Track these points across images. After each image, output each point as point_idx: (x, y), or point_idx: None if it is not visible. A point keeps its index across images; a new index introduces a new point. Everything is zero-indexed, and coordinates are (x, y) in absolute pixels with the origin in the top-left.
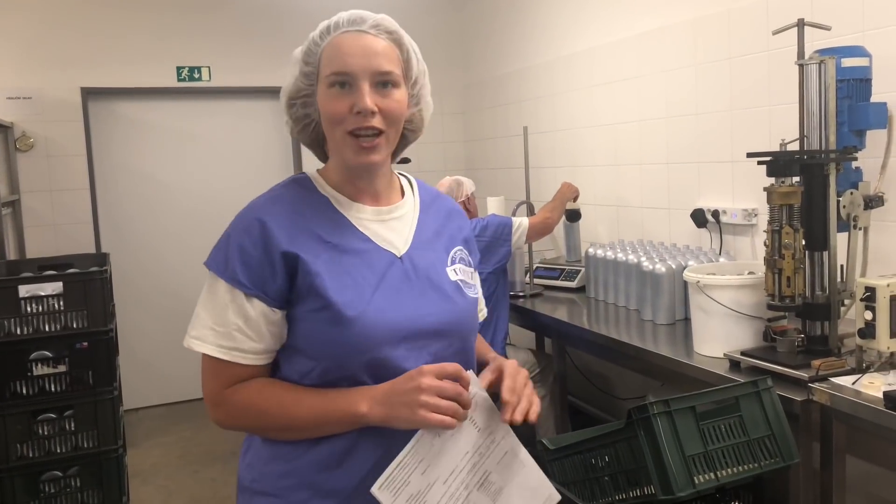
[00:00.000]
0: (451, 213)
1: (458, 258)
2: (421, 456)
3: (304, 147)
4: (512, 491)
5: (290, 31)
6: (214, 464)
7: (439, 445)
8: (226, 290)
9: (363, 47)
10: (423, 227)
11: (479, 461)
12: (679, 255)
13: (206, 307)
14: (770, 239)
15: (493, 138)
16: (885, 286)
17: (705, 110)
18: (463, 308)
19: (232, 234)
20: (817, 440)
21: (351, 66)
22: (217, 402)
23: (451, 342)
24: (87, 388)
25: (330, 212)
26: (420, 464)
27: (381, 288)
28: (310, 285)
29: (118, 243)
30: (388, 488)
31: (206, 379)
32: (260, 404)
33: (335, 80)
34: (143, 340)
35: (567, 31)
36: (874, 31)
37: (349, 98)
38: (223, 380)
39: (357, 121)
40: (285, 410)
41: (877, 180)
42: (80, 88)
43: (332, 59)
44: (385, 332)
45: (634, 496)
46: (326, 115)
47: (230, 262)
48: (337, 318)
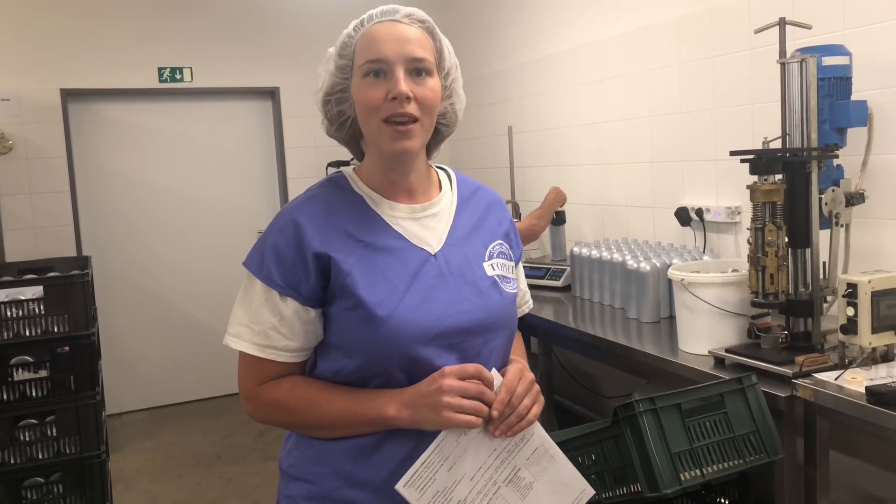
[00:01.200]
0: (490, 205)
1: (497, 252)
2: (447, 454)
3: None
4: (543, 487)
5: (273, 31)
6: (199, 468)
7: (465, 443)
8: (261, 289)
9: (397, 35)
10: (459, 223)
11: (508, 457)
12: (663, 253)
13: (243, 305)
14: (753, 236)
15: (478, 138)
16: (866, 282)
17: (689, 109)
18: (498, 304)
19: (268, 234)
20: (801, 436)
21: (385, 52)
22: (250, 396)
23: (487, 339)
24: (68, 393)
25: (364, 210)
26: (446, 461)
27: (413, 286)
28: (342, 285)
29: (100, 246)
30: (414, 485)
31: (241, 373)
32: (290, 403)
33: (370, 68)
34: (126, 344)
35: (551, 31)
36: (854, 29)
37: (384, 85)
38: (257, 376)
39: (392, 107)
40: (315, 411)
41: (858, 178)
42: (60, 90)
43: (366, 48)
44: (416, 330)
45: (621, 494)
46: (362, 105)
47: (265, 261)
48: (368, 317)
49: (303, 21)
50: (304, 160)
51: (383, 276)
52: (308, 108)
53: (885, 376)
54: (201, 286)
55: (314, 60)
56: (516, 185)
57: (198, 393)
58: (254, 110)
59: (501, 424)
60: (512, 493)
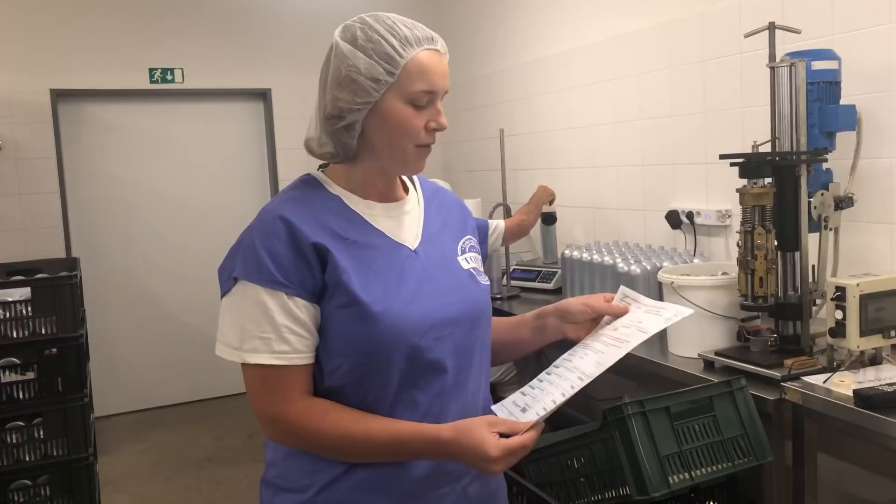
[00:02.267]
0: (452, 204)
1: (469, 247)
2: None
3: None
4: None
5: (265, 32)
6: (188, 470)
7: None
8: (266, 295)
9: (443, 68)
10: (429, 220)
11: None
12: (654, 256)
13: (248, 318)
14: (743, 240)
15: (469, 140)
16: (854, 286)
17: (679, 112)
18: (479, 295)
19: (256, 239)
20: (790, 438)
21: (438, 85)
22: (276, 418)
23: (472, 328)
24: (56, 395)
25: (343, 209)
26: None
27: (402, 282)
28: (337, 280)
29: (89, 248)
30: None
31: (258, 393)
32: (325, 429)
33: (423, 97)
34: (115, 346)
35: (542, 34)
36: (843, 34)
37: (425, 113)
38: (280, 392)
39: (430, 137)
40: (352, 438)
41: (847, 181)
42: (50, 90)
43: (421, 76)
44: (411, 325)
45: (610, 497)
46: (399, 127)
47: (263, 266)
48: (364, 314)
49: (295, 22)
50: (296, 162)
51: (373, 272)
52: (300, 110)
53: (873, 379)
54: (191, 288)
55: (306, 62)
56: (508, 188)
57: (187, 395)
58: (245, 112)
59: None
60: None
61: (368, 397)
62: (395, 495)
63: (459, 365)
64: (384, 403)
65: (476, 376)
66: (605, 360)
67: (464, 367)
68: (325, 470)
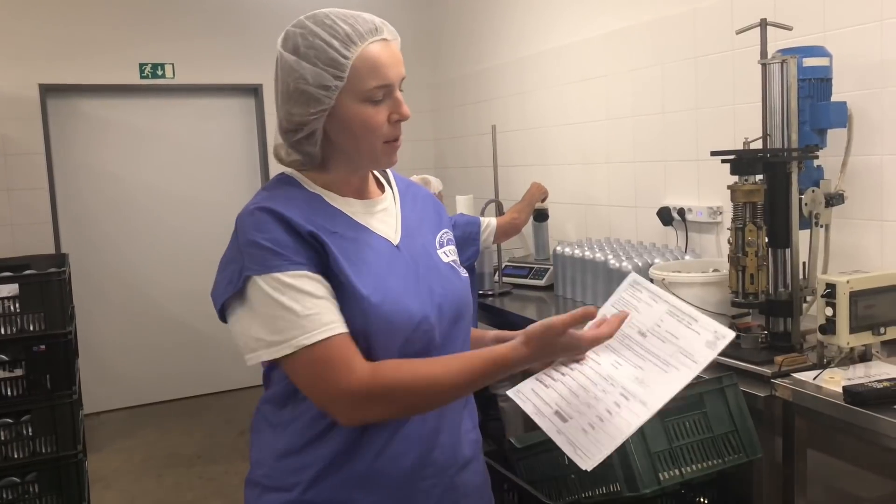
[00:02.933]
0: (426, 199)
1: (446, 240)
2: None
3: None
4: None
5: (257, 28)
6: (178, 467)
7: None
8: (289, 277)
9: (394, 56)
10: (406, 216)
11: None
12: (645, 252)
13: (279, 307)
14: (734, 237)
15: (461, 137)
16: (844, 283)
17: (671, 109)
18: (461, 287)
19: (252, 235)
20: (780, 435)
21: (391, 77)
22: (350, 390)
23: (457, 319)
24: (44, 392)
25: (324, 206)
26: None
27: (390, 275)
28: (336, 270)
29: (79, 244)
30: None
31: (320, 378)
32: (406, 381)
33: (378, 94)
34: (105, 343)
35: (535, 30)
36: (834, 31)
37: (385, 108)
38: (342, 362)
39: (396, 129)
40: (434, 379)
41: (837, 178)
42: (39, 85)
43: (371, 72)
44: (404, 317)
45: (601, 493)
46: (362, 128)
47: (273, 254)
48: (361, 305)
49: (286, 17)
50: None
51: (365, 265)
52: None
53: (863, 376)
54: (181, 284)
55: None
56: (500, 184)
57: (178, 392)
58: (237, 107)
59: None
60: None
61: None
62: (384, 489)
63: (443, 355)
64: None
65: None
66: (648, 379)
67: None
68: (310, 467)
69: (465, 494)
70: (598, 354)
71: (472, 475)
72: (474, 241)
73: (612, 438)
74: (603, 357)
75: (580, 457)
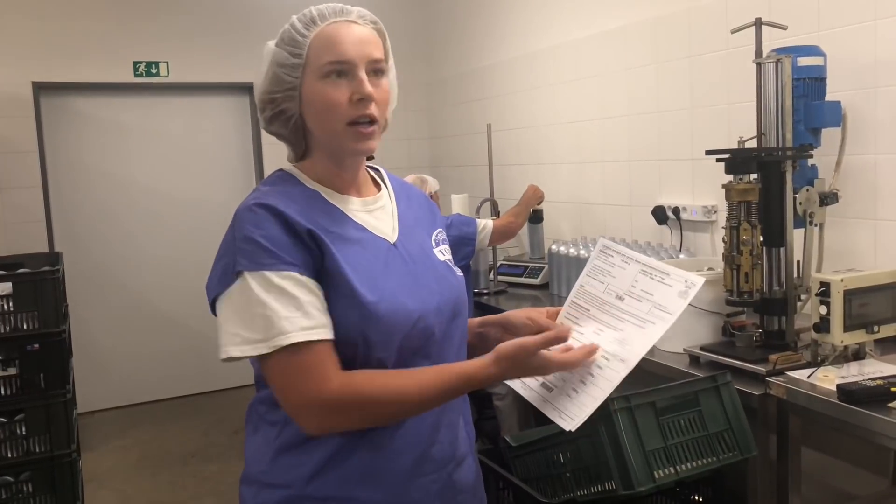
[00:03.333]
0: (420, 198)
1: (441, 240)
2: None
3: (265, 143)
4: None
5: (251, 25)
6: (173, 466)
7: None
8: (278, 277)
9: (356, 35)
10: (402, 214)
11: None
12: (640, 251)
13: (265, 306)
14: (728, 235)
15: (456, 135)
16: (839, 281)
17: (666, 108)
18: (457, 286)
19: (249, 231)
20: (774, 433)
21: (349, 54)
22: (321, 399)
23: (453, 318)
24: (38, 391)
25: (322, 204)
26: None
27: (388, 274)
28: (334, 268)
29: (72, 242)
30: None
31: (294, 383)
32: (375, 394)
33: (333, 69)
34: (99, 341)
35: (530, 29)
36: (829, 31)
37: (346, 87)
38: (317, 370)
39: (357, 109)
40: (403, 393)
41: (831, 178)
42: (32, 83)
43: (327, 48)
44: (402, 315)
45: (596, 491)
46: (323, 106)
47: (266, 251)
48: (358, 304)
49: (280, 16)
50: (282, 156)
51: (361, 264)
52: None
53: (857, 374)
54: (175, 283)
55: None
56: (495, 183)
57: (172, 391)
58: (231, 105)
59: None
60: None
61: None
62: (384, 486)
63: (442, 355)
64: None
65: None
66: (628, 338)
67: (446, 357)
68: (309, 463)
69: (461, 490)
70: (581, 325)
71: (467, 471)
72: (470, 241)
73: (594, 399)
74: (586, 327)
75: (564, 419)
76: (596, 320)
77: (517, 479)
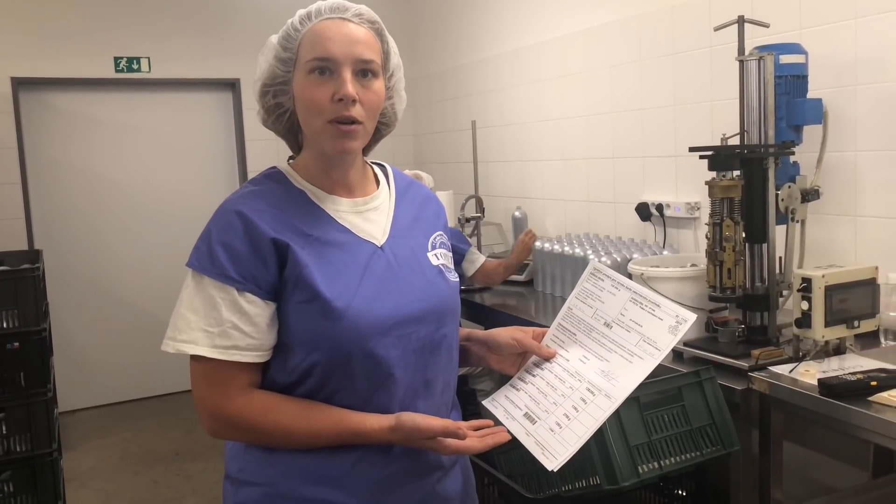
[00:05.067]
0: (425, 199)
1: (439, 243)
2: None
3: (248, 140)
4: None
5: (234, 21)
6: (156, 465)
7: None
8: (215, 288)
9: (346, 34)
10: (400, 215)
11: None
12: (624, 248)
13: (194, 309)
14: (711, 232)
15: (441, 132)
16: (820, 277)
17: (649, 105)
18: (446, 292)
19: (213, 230)
20: (756, 427)
21: (333, 52)
22: (215, 413)
23: (438, 326)
24: (18, 389)
25: (308, 205)
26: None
27: (365, 278)
28: (297, 277)
29: (53, 240)
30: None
31: (200, 386)
32: (265, 428)
33: (316, 65)
34: (80, 340)
35: (514, 26)
36: (810, 29)
37: (330, 85)
38: (221, 387)
39: (337, 109)
40: (293, 435)
41: (813, 174)
42: (11, 78)
43: (313, 44)
44: (373, 321)
45: (580, 487)
46: (305, 102)
47: (216, 258)
48: (326, 310)
49: (264, 11)
50: (265, 153)
51: (335, 269)
52: None
53: (837, 369)
54: (157, 281)
55: None
56: (479, 180)
57: (155, 389)
58: (213, 102)
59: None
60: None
61: (335, 398)
62: (361, 493)
63: (426, 363)
64: (353, 404)
65: (444, 374)
66: (614, 371)
67: (431, 365)
68: (284, 462)
69: (446, 499)
70: (567, 350)
71: (453, 481)
72: (457, 258)
73: (578, 437)
74: (571, 353)
75: (547, 457)
76: (582, 346)
77: (502, 475)
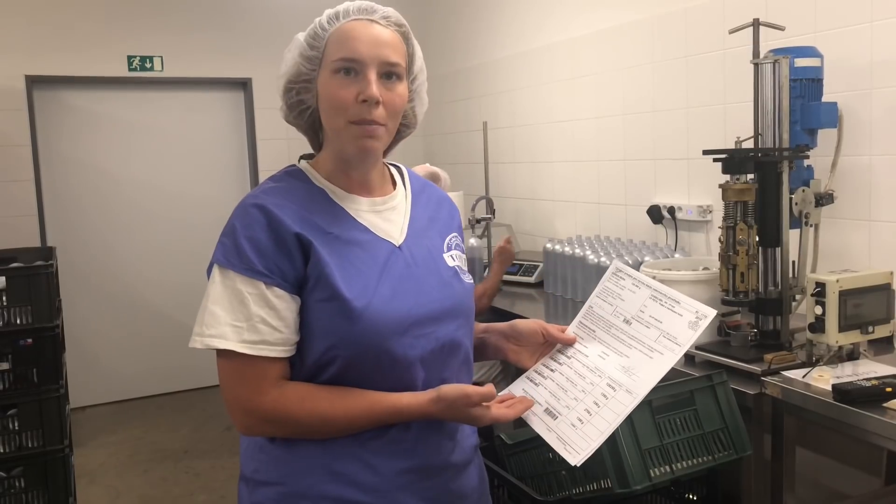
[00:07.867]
0: (440, 200)
1: (455, 245)
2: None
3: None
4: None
5: (247, 21)
6: (165, 462)
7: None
8: (243, 282)
9: (373, 36)
10: (416, 216)
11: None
12: (635, 250)
13: (222, 304)
14: (724, 235)
15: (452, 133)
16: (834, 282)
17: (662, 108)
18: (462, 293)
19: (238, 225)
20: (769, 432)
21: (360, 52)
22: (249, 409)
23: (456, 327)
24: (31, 386)
25: (327, 203)
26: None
27: (384, 278)
28: (319, 274)
29: (65, 237)
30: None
31: (231, 384)
32: (301, 417)
33: (342, 65)
34: (92, 337)
35: (526, 27)
36: (826, 32)
37: (354, 86)
38: (253, 382)
39: (361, 110)
40: (331, 422)
41: (827, 178)
42: (25, 76)
43: (340, 44)
44: (392, 321)
45: (591, 489)
46: (329, 101)
47: (242, 253)
48: (345, 309)
49: (276, 11)
50: (276, 152)
51: (355, 268)
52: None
53: (851, 374)
54: (169, 278)
55: None
56: (490, 181)
57: (165, 387)
58: (225, 101)
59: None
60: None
61: None
62: (377, 490)
63: (442, 362)
64: None
65: (458, 374)
66: (634, 367)
67: (447, 365)
68: (300, 460)
69: (460, 497)
70: (587, 346)
71: (468, 479)
72: None
73: (601, 432)
74: (591, 348)
75: (570, 452)
76: (601, 342)
77: (512, 477)
